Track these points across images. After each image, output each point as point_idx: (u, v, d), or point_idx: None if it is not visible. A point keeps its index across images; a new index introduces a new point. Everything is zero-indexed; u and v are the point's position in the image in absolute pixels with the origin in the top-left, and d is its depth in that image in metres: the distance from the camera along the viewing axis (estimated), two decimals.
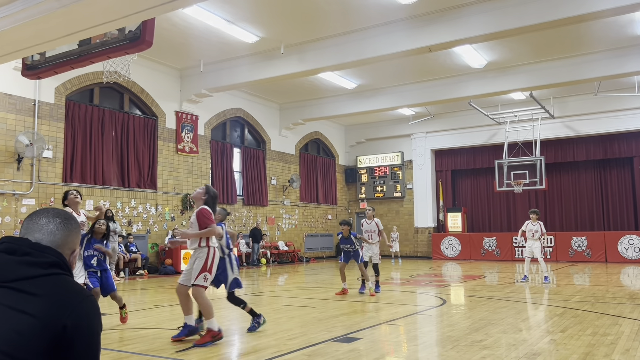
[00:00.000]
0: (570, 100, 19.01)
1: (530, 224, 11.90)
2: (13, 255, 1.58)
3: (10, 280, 1.52)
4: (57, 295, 1.53)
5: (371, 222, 10.25)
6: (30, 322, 1.45)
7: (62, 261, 1.65)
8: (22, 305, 1.47)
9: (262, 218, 19.07)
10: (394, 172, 23.20)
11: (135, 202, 14.55)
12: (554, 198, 21.06)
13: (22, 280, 1.53)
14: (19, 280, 1.52)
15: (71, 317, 1.51)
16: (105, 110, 13.98)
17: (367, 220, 10.30)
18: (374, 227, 10.19)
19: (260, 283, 12.66)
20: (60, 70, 7.37)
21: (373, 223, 10.23)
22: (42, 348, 1.45)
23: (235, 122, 18.78)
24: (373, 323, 6.78)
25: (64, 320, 1.49)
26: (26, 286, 1.51)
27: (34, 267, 1.56)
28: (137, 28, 6.25)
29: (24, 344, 1.43)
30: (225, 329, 6.59)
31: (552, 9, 10.39)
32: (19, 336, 1.43)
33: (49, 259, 1.60)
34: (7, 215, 11.72)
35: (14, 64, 11.32)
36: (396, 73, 16.07)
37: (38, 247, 1.62)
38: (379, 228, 10.15)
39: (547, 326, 6.32)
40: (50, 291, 1.53)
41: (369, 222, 10.28)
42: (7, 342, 1.41)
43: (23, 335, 1.43)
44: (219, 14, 11.60)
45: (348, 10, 11.47)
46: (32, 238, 1.66)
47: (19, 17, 5.85)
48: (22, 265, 1.56)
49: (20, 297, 1.49)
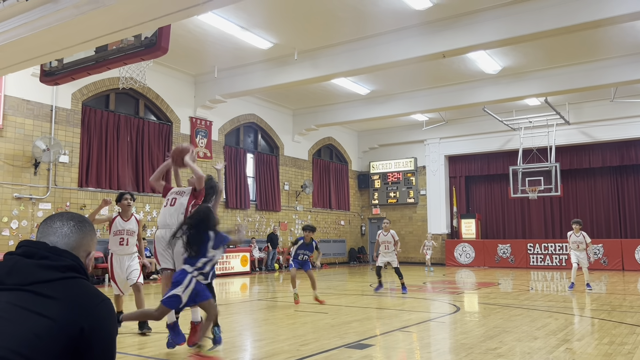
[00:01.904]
0: (586, 106, 18.81)
1: (573, 235, 11.52)
2: (31, 259, 1.60)
3: (28, 284, 1.54)
4: (74, 299, 1.55)
5: (387, 234, 11.09)
6: (48, 325, 1.47)
7: (79, 264, 1.67)
8: (41, 308, 1.49)
9: (274, 223, 19.10)
10: (407, 178, 23.11)
11: (150, 206, 14.67)
12: (569, 205, 20.81)
13: (40, 283, 1.55)
14: (37, 283, 1.54)
15: (88, 320, 1.52)
16: (120, 115, 14.13)
17: (384, 232, 11.10)
18: (390, 239, 11.02)
19: (274, 288, 12.67)
20: (78, 76, 7.47)
21: (389, 234, 11.08)
22: (60, 350, 1.47)
23: (248, 128, 18.87)
24: (386, 330, 6.75)
25: (81, 323, 1.51)
26: (44, 289, 1.53)
27: (51, 270, 1.58)
28: (153, 35, 6.32)
29: (42, 346, 1.45)
30: (237, 335, 6.60)
31: (567, 14, 10.30)
32: (38, 338, 1.45)
33: (66, 263, 1.62)
34: (24, 219, 11.88)
35: (32, 71, 11.51)
36: (409, 79, 16.04)
37: (55, 251, 1.64)
38: (395, 239, 11.02)
39: (563, 334, 6.23)
40: (68, 294, 1.55)
41: (385, 233, 11.07)
42: (26, 344, 1.43)
43: (41, 338, 1.45)
44: (234, 20, 11.69)
45: (361, 17, 11.49)
46: (48, 241, 1.68)
47: (38, 25, 5.96)
48: (40, 269, 1.58)
49: (39, 300, 1.51)
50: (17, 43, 6.48)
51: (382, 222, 11.81)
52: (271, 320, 7.52)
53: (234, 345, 5.78)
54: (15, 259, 1.60)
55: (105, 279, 12.87)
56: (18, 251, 1.64)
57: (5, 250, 11.34)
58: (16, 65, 7.46)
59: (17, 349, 1.41)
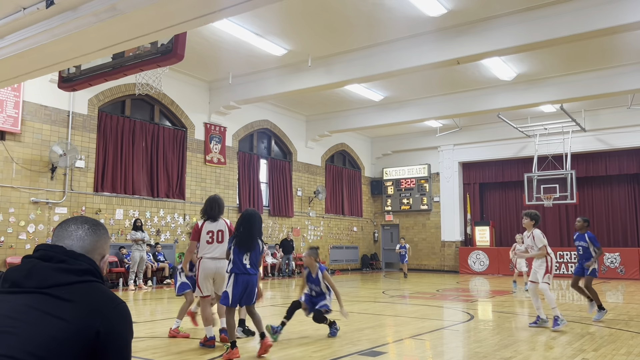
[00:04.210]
0: (603, 113, 18.60)
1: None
2: (49, 262, 1.62)
3: (47, 287, 1.56)
4: (91, 302, 1.57)
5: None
6: (65, 328, 1.49)
7: (95, 268, 1.69)
8: (58, 311, 1.51)
9: (287, 229, 19.13)
10: (421, 185, 23.01)
11: (164, 211, 14.78)
12: (585, 213, 20.52)
13: (58, 286, 1.57)
14: (55, 286, 1.56)
15: (104, 324, 1.54)
16: (136, 121, 14.28)
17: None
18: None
19: (286, 294, 12.66)
20: (95, 82, 7.57)
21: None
22: (76, 353, 1.48)
23: (262, 134, 18.95)
24: (399, 337, 6.71)
25: (97, 326, 1.53)
26: (62, 292, 1.55)
27: (68, 274, 1.60)
28: (169, 42, 6.39)
29: (59, 349, 1.46)
30: (250, 340, 6.61)
31: (584, 20, 10.22)
32: (55, 341, 1.46)
33: (82, 267, 1.64)
34: (40, 223, 12.04)
35: (50, 77, 11.69)
36: (423, 85, 16.01)
37: (72, 255, 1.66)
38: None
39: (579, 344, 6.15)
40: (84, 298, 1.57)
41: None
42: (44, 347, 1.45)
43: (58, 340, 1.47)
44: (249, 27, 11.77)
45: (375, 23, 11.51)
46: (64, 245, 1.70)
47: (58, 32, 6.07)
48: (57, 272, 1.60)
49: (56, 303, 1.53)
50: (38, 50, 6.60)
51: (395, 229, 11.82)
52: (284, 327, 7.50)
53: (247, 351, 5.78)
54: (34, 262, 1.62)
55: (119, 284, 12.99)
56: (36, 254, 1.66)
57: (22, 253, 11.49)
58: (36, 72, 7.59)
59: (34, 352, 1.43)
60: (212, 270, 5.82)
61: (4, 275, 1.63)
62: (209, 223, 5.92)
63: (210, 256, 5.82)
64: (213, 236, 5.88)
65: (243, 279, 5.36)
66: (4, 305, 1.53)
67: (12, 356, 1.41)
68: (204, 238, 5.86)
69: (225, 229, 5.93)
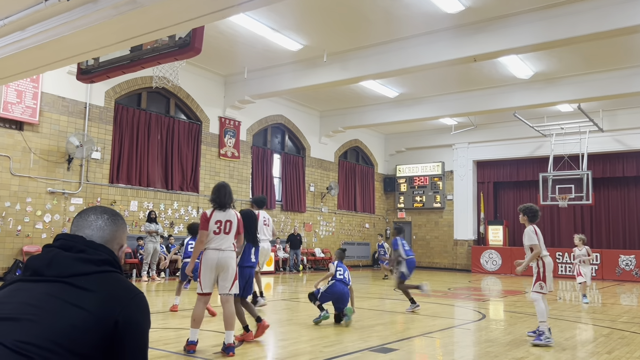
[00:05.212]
0: (621, 113, 18.34)
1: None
2: (69, 252, 1.65)
3: (67, 276, 1.58)
4: (110, 292, 1.59)
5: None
6: (85, 317, 1.51)
7: (113, 258, 1.71)
8: (78, 300, 1.53)
9: (299, 224, 19.18)
10: (434, 183, 22.91)
11: (178, 204, 14.89)
12: (600, 214, 20.32)
13: (77, 276, 1.59)
14: (75, 276, 1.58)
15: (122, 314, 1.56)
16: (151, 114, 14.39)
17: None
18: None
19: (297, 289, 12.71)
20: (113, 75, 7.64)
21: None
22: (96, 342, 1.50)
23: (276, 129, 18.99)
24: (410, 335, 6.70)
25: (116, 316, 1.54)
26: (81, 282, 1.57)
27: (88, 264, 1.62)
28: (187, 35, 6.43)
29: (79, 337, 1.48)
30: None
31: (603, 19, 10.07)
32: (75, 330, 1.48)
33: (101, 257, 1.66)
34: (56, 213, 12.20)
35: (68, 69, 11.82)
36: (439, 82, 15.91)
37: (92, 245, 1.69)
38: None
39: (592, 347, 6.10)
40: (103, 287, 1.59)
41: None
42: (65, 335, 1.47)
43: (78, 329, 1.49)
44: (265, 22, 11.79)
45: (392, 19, 11.46)
46: (84, 235, 1.72)
47: (79, 24, 6.13)
48: (77, 262, 1.62)
49: (76, 292, 1.55)
50: (58, 41, 6.68)
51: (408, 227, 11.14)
52: (294, 321, 7.55)
53: (258, 344, 5.82)
54: (55, 252, 1.64)
55: (133, 275, 13.12)
56: (56, 244, 1.68)
57: (38, 242, 11.67)
58: (56, 63, 7.68)
59: (55, 339, 1.45)
60: (215, 262, 5.33)
61: (25, 263, 1.66)
62: (218, 212, 5.48)
63: (214, 247, 5.36)
64: (221, 226, 5.43)
65: (248, 271, 5.93)
66: (25, 293, 1.56)
67: (33, 343, 1.43)
68: (211, 228, 5.40)
69: (234, 219, 5.52)
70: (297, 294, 11.61)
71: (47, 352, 1.43)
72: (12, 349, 1.42)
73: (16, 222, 11.49)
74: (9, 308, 1.52)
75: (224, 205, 5.53)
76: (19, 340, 1.43)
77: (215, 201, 5.56)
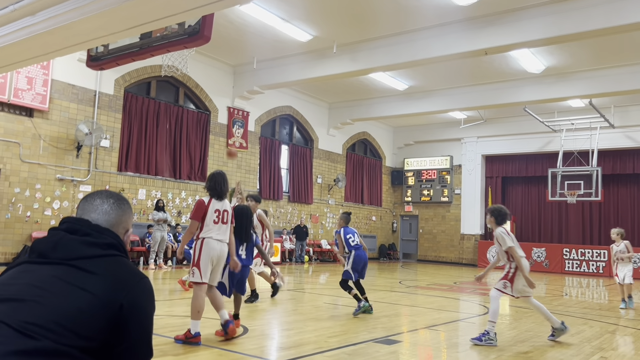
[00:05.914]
0: (633, 109, 18.14)
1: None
2: (75, 235, 1.65)
3: (72, 259, 1.58)
4: (115, 276, 1.59)
5: None
6: (90, 300, 1.51)
7: (119, 242, 1.71)
8: (83, 283, 1.53)
9: (306, 216, 19.20)
10: (442, 176, 22.82)
11: (186, 193, 14.94)
12: (609, 211, 20.17)
13: (83, 259, 1.59)
14: (80, 259, 1.59)
15: (127, 297, 1.56)
16: (160, 103, 14.42)
17: None
18: None
19: (303, 280, 12.74)
20: (122, 62, 7.65)
21: None
22: (100, 325, 1.50)
23: (284, 120, 18.97)
24: (414, 327, 6.71)
25: (121, 299, 1.54)
26: (87, 265, 1.57)
27: (93, 247, 1.62)
28: (197, 23, 6.41)
29: (84, 320, 1.48)
30: (266, 323, 6.67)
31: (616, 13, 9.93)
32: (80, 312, 1.48)
33: (107, 240, 1.66)
34: (65, 200, 12.28)
35: (78, 56, 11.85)
36: (449, 75, 15.80)
37: (97, 229, 1.69)
38: None
39: (598, 343, 6.07)
40: (108, 271, 1.59)
41: None
42: (70, 317, 1.47)
43: (84, 312, 1.49)
44: (275, 12, 11.74)
45: (402, 11, 11.37)
46: (90, 218, 1.72)
47: (88, 9, 6.13)
48: (83, 245, 1.62)
49: (82, 275, 1.55)
50: (68, 27, 6.68)
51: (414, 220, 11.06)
52: (299, 311, 7.57)
53: (263, 333, 5.84)
54: (60, 235, 1.65)
55: (140, 262, 13.21)
56: (62, 227, 1.68)
57: (47, 228, 11.75)
58: (66, 49, 7.69)
59: (60, 321, 1.45)
60: (217, 252, 5.20)
61: (31, 246, 1.66)
62: (216, 201, 5.29)
63: (217, 238, 5.20)
64: (219, 215, 5.26)
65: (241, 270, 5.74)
66: (30, 275, 1.56)
67: (38, 324, 1.44)
68: (210, 217, 5.19)
69: (230, 209, 5.42)
70: (302, 284, 11.64)
71: (51, 334, 1.43)
72: (17, 329, 1.42)
73: (25, 208, 11.58)
74: (14, 289, 1.53)
75: (221, 194, 5.35)
76: (24, 320, 1.44)
77: (214, 189, 5.33)
